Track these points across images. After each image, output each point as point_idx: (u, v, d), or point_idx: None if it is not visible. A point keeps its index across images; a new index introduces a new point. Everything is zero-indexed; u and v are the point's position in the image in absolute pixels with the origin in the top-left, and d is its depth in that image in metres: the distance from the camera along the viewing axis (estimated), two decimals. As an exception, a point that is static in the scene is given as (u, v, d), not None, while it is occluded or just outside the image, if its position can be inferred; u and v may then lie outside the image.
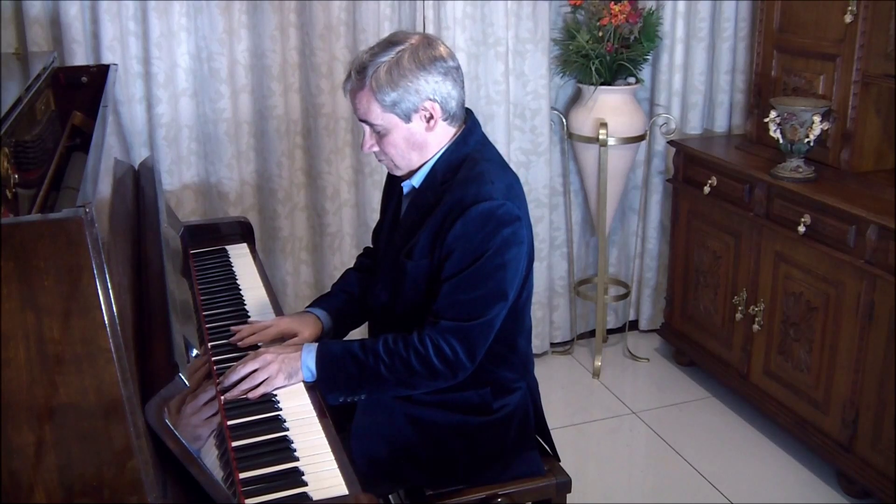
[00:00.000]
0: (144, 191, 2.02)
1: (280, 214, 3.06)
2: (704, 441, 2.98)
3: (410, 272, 1.80)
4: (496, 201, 1.71)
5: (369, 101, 1.74)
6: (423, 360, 1.72)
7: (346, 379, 1.74)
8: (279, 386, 1.71)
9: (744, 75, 3.40)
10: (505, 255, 1.73)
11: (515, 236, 1.74)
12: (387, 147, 1.79)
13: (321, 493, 1.41)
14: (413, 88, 1.72)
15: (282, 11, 2.89)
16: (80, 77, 2.22)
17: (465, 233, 1.71)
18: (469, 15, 3.08)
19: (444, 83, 1.74)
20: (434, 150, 1.81)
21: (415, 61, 1.72)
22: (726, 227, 3.07)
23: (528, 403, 1.95)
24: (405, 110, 1.74)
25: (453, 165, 1.79)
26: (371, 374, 1.74)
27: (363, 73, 1.73)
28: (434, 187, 1.80)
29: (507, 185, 1.77)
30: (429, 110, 1.75)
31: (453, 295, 1.73)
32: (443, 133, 1.80)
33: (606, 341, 3.64)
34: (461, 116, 1.83)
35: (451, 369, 1.74)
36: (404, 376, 1.74)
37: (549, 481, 1.93)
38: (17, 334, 1.07)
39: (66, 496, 1.12)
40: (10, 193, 1.38)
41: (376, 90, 1.72)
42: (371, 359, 1.73)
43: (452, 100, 1.77)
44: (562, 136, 3.43)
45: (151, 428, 1.20)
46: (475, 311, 1.73)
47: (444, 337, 1.72)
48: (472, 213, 1.71)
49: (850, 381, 2.57)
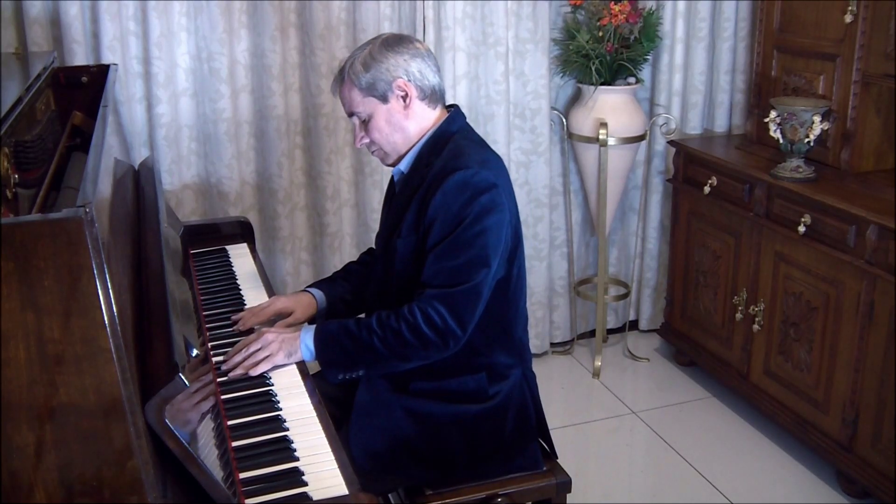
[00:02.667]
0: (144, 191, 2.02)
1: (280, 214, 3.06)
2: (704, 441, 2.98)
3: (400, 249, 1.87)
4: (471, 170, 1.79)
5: (350, 90, 1.87)
6: (413, 329, 1.76)
7: (342, 354, 1.80)
8: (279, 364, 1.78)
9: (744, 75, 3.40)
10: (484, 220, 1.78)
11: (493, 202, 1.79)
12: (372, 133, 1.89)
13: (321, 492, 1.41)
14: (384, 68, 1.84)
15: (282, 11, 2.89)
16: (80, 77, 2.22)
17: (444, 202, 1.78)
18: (469, 15, 3.08)
19: (414, 62, 1.86)
20: (417, 133, 1.90)
21: (385, 46, 1.86)
22: (726, 227, 3.07)
23: (526, 392, 1.97)
24: (381, 91, 1.85)
25: (438, 148, 1.88)
26: (365, 348, 1.78)
27: (342, 70, 1.89)
28: (420, 169, 1.88)
29: (483, 158, 1.84)
30: (403, 88, 1.85)
31: (437, 263, 1.79)
32: (422, 115, 1.89)
33: (606, 341, 3.64)
34: (440, 100, 1.92)
35: (441, 337, 1.77)
36: (397, 348, 1.78)
37: (549, 481, 1.93)
38: (17, 334, 1.07)
39: (66, 496, 1.12)
40: (10, 193, 1.38)
41: (353, 78, 1.86)
42: (364, 332, 1.78)
43: (426, 80, 1.88)
44: (562, 136, 3.43)
45: (151, 428, 1.20)
46: (459, 277, 1.77)
47: (431, 304, 1.76)
48: (449, 183, 1.78)
49: (850, 381, 2.57)
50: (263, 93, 2.95)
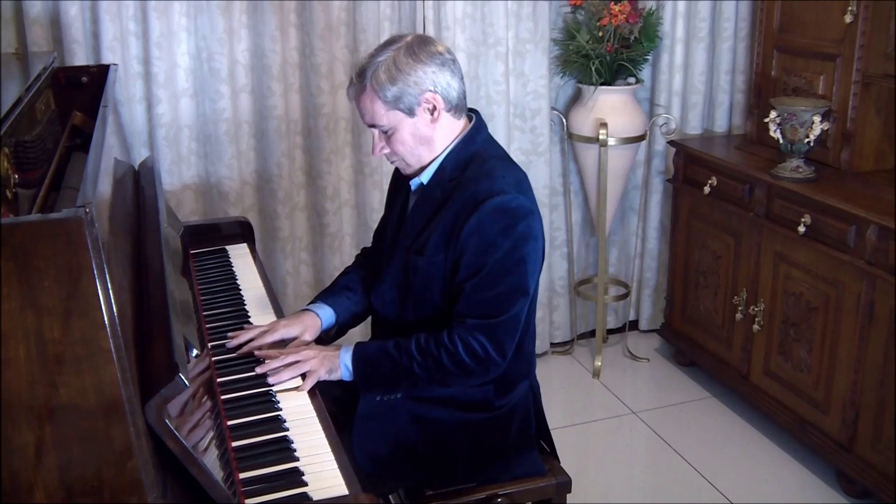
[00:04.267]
0: (144, 191, 2.02)
1: (280, 214, 3.06)
2: (704, 441, 2.98)
3: (422, 269, 1.81)
4: (509, 195, 1.73)
5: (373, 102, 1.76)
6: (453, 358, 1.75)
7: (381, 378, 1.79)
8: (322, 379, 1.77)
9: (744, 75, 3.40)
10: (522, 249, 1.75)
11: (531, 230, 1.76)
12: (396, 145, 1.81)
13: (321, 493, 1.41)
14: (412, 80, 1.74)
15: (282, 11, 2.89)
16: (80, 77, 2.22)
17: (479, 227, 1.73)
18: (469, 15, 3.08)
19: (442, 73, 1.76)
20: (442, 144, 1.82)
21: (411, 56, 1.75)
22: (726, 227, 3.07)
23: (530, 403, 1.96)
24: (408, 104, 1.76)
25: (462, 163, 1.81)
26: (405, 373, 1.77)
27: (363, 75, 1.76)
28: (442, 183, 1.82)
29: (517, 180, 1.80)
30: (431, 101, 1.77)
31: (476, 294, 1.75)
32: (448, 126, 1.82)
33: (606, 341, 3.64)
34: (464, 109, 1.85)
35: (483, 366, 1.76)
36: (437, 374, 1.76)
37: (549, 481, 1.93)
38: (17, 334, 1.07)
39: (66, 496, 1.12)
40: (10, 193, 1.38)
41: (377, 89, 1.74)
42: (405, 358, 1.76)
43: (453, 90, 1.79)
44: (562, 136, 3.43)
45: (151, 428, 1.19)
46: (500, 307, 1.75)
47: (473, 334, 1.74)
48: (486, 208, 1.72)
49: (850, 381, 2.57)
50: (263, 93, 2.95)
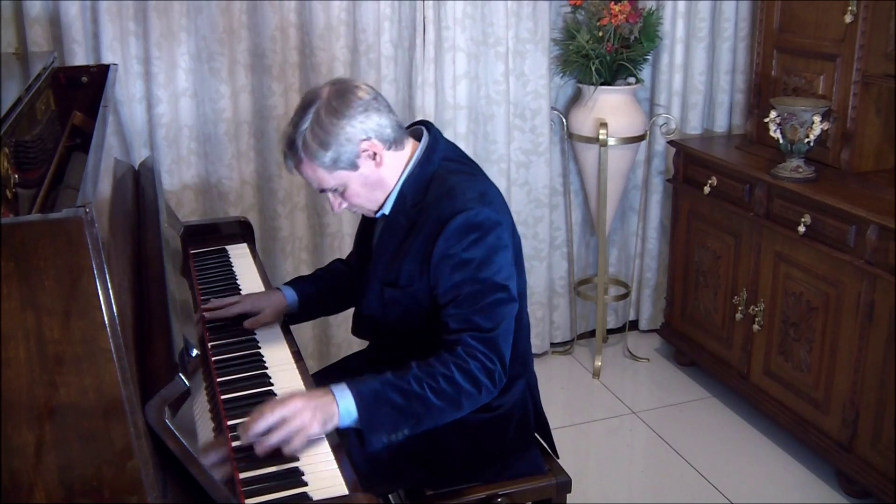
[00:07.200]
0: (144, 191, 2.02)
1: (280, 214, 3.06)
2: (704, 441, 2.98)
3: (399, 300, 1.81)
4: (473, 210, 1.71)
5: (314, 171, 1.74)
6: (467, 374, 1.68)
7: (391, 413, 1.62)
8: (315, 435, 1.55)
9: (744, 75, 3.40)
10: (495, 259, 1.72)
11: (500, 240, 1.74)
12: (352, 199, 1.80)
13: (321, 493, 1.41)
14: (343, 139, 1.71)
15: (282, 11, 2.89)
16: (80, 77, 2.22)
17: (448, 248, 1.71)
18: (469, 15, 3.08)
19: (369, 118, 1.72)
20: (393, 179, 1.80)
21: (333, 114, 1.70)
22: (726, 227, 3.07)
23: (528, 401, 1.95)
24: (348, 161, 1.73)
25: (421, 186, 1.79)
26: (419, 402, 1.64)
27: (293, 146, 1.73)
28: (405, 210, 1.80)
29: (479, 193, 1.76)
30: (369, 149, 1.74)
31: (463, 311, 1.71)
32: (394, 161, 1.79)
33: (606, 341, 3.64)
34: (403, 138, 1.81)
35: (492, 380, 1.71)
36: (452, 395, 1.66)
37: (549, 481, 1.93)
38: (17, 334, 1.07)
39: (66, 496, 1.12)
40: (10, 193, 1.38)
41: (312, 158, 1.72)
42: (415, 384, 1.64)
43: (386, 129, 1.75)
44: (562, 136, 3.43)
45: (151, 428, 1.19)
46: (491, 319, 1.72)
47: (478, 349, 1.70)
48: (451, 228, 1.70)
49: (850, 381, 2.57)
50: (263, 93, 2.95)
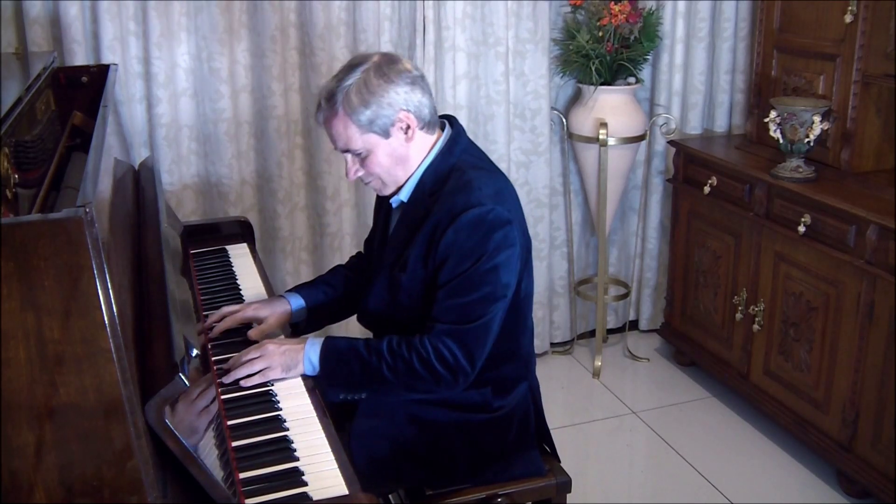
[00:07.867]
0: (144, 191, 2.02)
1: (280, 214, 3.06)
2: (704, 441, 2.98)
3: (405, 284, 1.82)
4: (485, 207, 1.73)
5: (346, 127, 1.75)
6: (425, 363, 1.73)
7: (348, 375, 1.76)
8: (275, 378, 1.73)
9: (744, 75, 3.40)
10: (496, 257, 1.74)
11: (507, 239, 1.76)
12: (372, 167, 1.80)
13: (321, 493, 1.41)
14: (385, 102, 1.73)
15: (282, 11, 2.89)
16: (80, 77, 2.22)
17: (456, 240, 1.73)
18: (469, 15, 3.08)
19: (414, 92, 1.76)
20: (417, 161, 1.82)
21: (381, 77, 1.73)
22: (726, 227, 3.07)
23: (529, 403, 1.96)
24: (382, 126, 1.75)
25: (441, 176, 1.81)
26: (373, 374, 1.75)
27: (333, 99, 1.74)
28: (423, 199, 1.82)
29: (496, 190, 1.79)
30: (405, 121, 1.76)
31: (448, 300, 1.75)
32: (422, 143, 1.82)
33: (606, 341, 3.64)
34: (436, 123, 1.85)
35: (453, 374, 1.74)
36: (406, 378, 1.75)
37: (549, 481, 1.93)
38: (17, 334, 1.07)
39: (66, 496, 1.12)
40: (10, 193, 1.38)
41: (350, 113, 1.73)
42: (375, 358, 1.75)
43: (425, 107, 1.79)
44: (562, 136, 3.43)
45: (151, 428, 1.20)
46: (471, 314, 1.74)
47: (442, 340, 1.73)
48: (462, 221, 1.72)
49: (850, 381, 2.57)
50: (263, 93, 2.95)
